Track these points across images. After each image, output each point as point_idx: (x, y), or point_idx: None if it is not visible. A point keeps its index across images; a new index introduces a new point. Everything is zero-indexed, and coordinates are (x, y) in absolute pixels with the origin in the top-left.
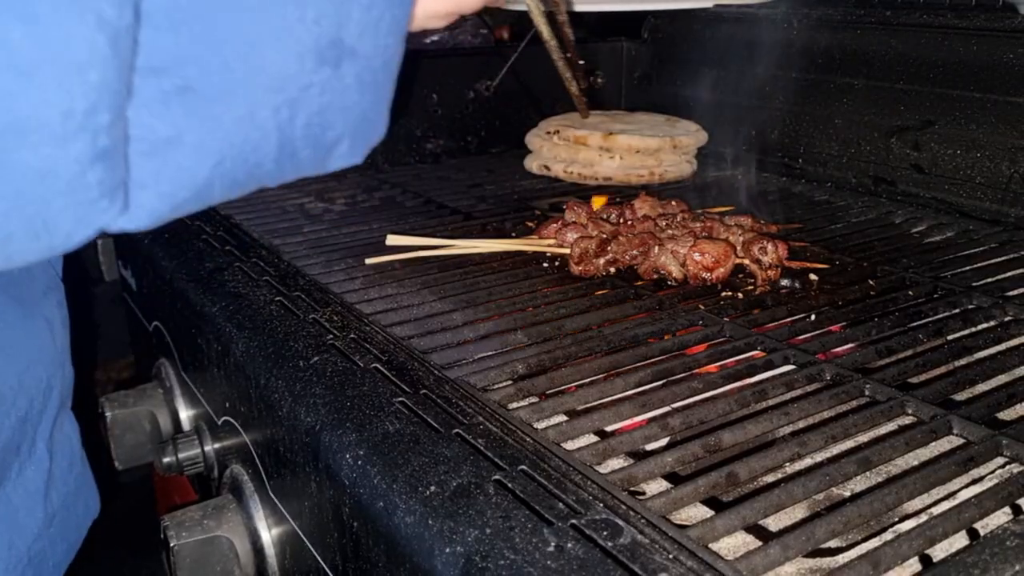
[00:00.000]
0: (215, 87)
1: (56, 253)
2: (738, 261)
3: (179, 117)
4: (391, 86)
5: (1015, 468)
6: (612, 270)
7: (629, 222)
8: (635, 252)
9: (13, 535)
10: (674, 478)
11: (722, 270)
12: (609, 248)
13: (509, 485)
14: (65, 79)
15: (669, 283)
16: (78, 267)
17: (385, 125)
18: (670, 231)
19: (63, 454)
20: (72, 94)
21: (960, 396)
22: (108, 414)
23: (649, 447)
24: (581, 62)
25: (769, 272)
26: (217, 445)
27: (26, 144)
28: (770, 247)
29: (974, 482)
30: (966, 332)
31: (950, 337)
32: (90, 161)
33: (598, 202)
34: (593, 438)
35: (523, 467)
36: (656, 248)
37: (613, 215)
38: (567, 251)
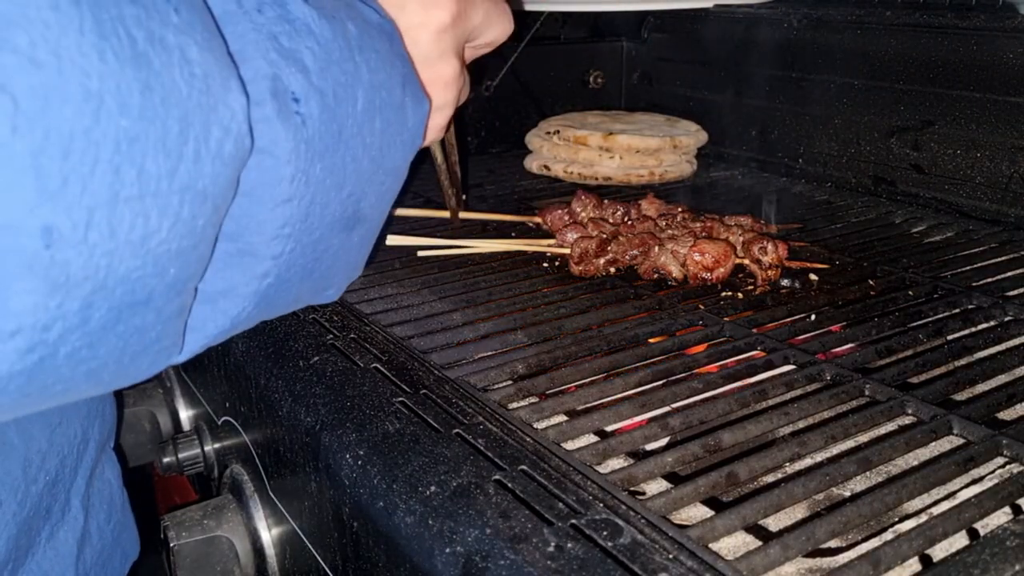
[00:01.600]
0: (268, 250)
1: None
2: (738, 261)
3: (234, 274)
4: (376, 237)
5: (1015, 468)
6: (612, 270)
7: (629, 222)
8: (635, 252)
9: None
10: (674, 478)
11: (722, 270)
12: (609, 248)
13: (509, 485)
14: (180, 258)
15: (669, 283)
16: None
17: (363, 268)
18: (670, 231)
19: (100, 506)
20: (184, 269)
21: (960, 396)
22: None
23: (649, 447)
24: (457, 186)
25: (769, 272)
26: (217, 445)
27: (138, 314)
28: (770, 247)
29: (974, 482)
30: (966, 332)
31: (950, 337)
32: (176, 317)
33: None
34: (593, 438)
35: (523, 467)
36: (656, 248)
37: (620, 211)
38: (567, 251)
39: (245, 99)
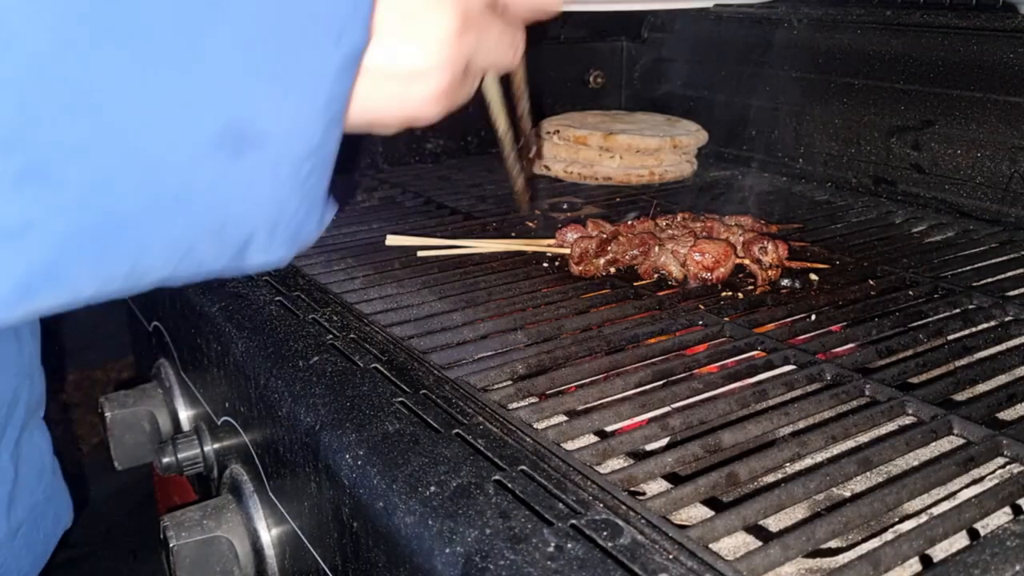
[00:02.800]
0: (64, 170)
1: None
2: (738, 261)
3: (29, 203)
4: (324, 176)
5: (1015, 468)
6: (612, 270)
7: (629, 222)
8: (635, 252)
9: None
10: (674, 478)
11: (722, 270)
12: (609, 248)
13: (509, 485)
14: None
15: (669, 283)
16: None
17: (320, 220)
18: (670, 231)
19: (31, 465)
20: None
21: (960, 396)
22: (108, 414)
23: (649, 447)
24: (532, 151)
25: (769, 272)
26: (217, 445)
27: None
28: (770, 247)
29: (974, 482)
30: (966, 332)
31: (950, 337)
32: None
33: None
34: (593, 438)
35: (523, 467)
36: (656, 248)
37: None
38: (567, 251)
39: None
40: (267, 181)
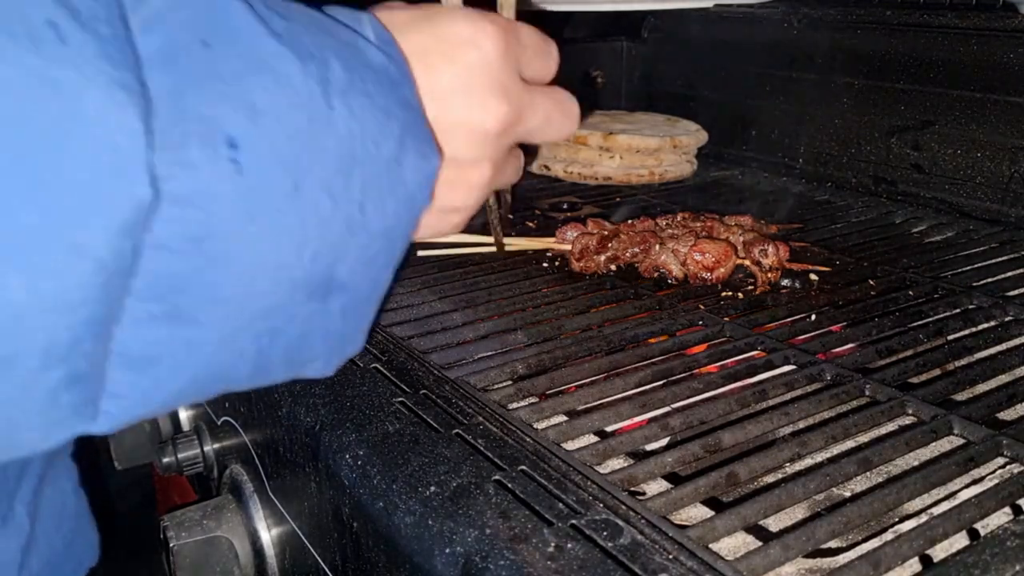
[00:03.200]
0: (203, 315)
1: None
2: (739, 262)
3: (163, 339)
4: (375, 309)
5: (1015, 468)
6: (613, 267)
7: (630, 220)
8: (636, 249)
9: None
10: (674, 478)
11: (722, 270)
12: (610, 245)
13: (509, 485)
14: (52, 319)
15: (669, 282)
16: None
17: (363, 341)
18: (670, 230)
19: (50, 514)
20: (58, 330)
21: (960, 396)
22: None
23: (649, 447)
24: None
25: (769, 275)
26: (217, 445)
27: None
28: (771, 249)
29: (974, 482)
30: (966, 332)
31: (950, 337)
32: (66, 387)
33: None
34: (593, 438)
35: (523, 467)
36: (657, 246)
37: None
38: (568, 247)
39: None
40: (340, 320)
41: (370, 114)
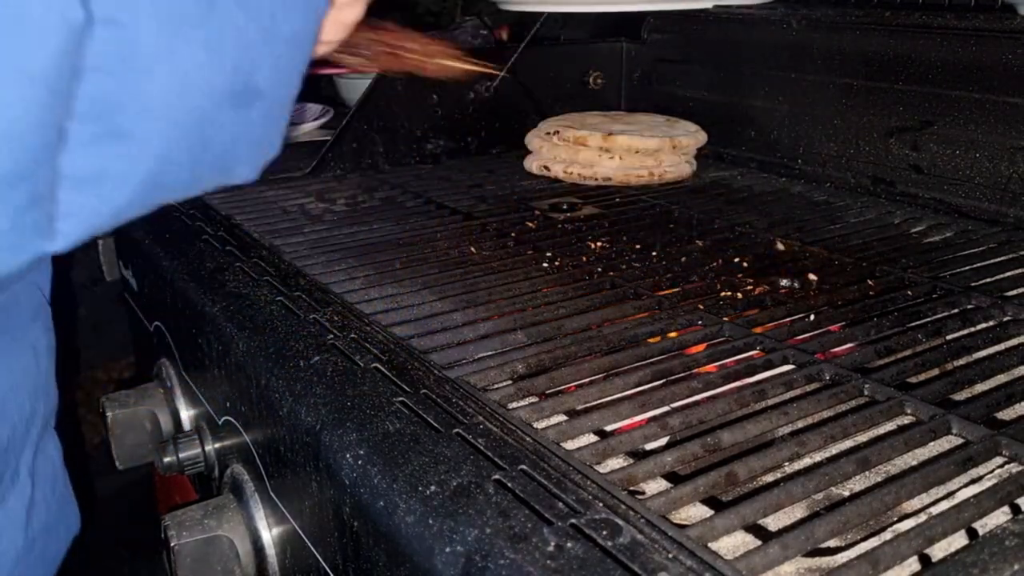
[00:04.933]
0: (140, 130)
1: None
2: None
3: (108, 157)
4: (288, 114)
5: (1014, 468)
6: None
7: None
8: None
9: None
10: (674, 478)
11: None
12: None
13: (509, 485)
14: (11, 145)
15: (668, 282)
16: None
17: (280, 145)
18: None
19: (45, 478)
20: (16, 154)
21: (959, 396)
22: (109, 414)
23: (648, 447)
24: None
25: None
26: (218, 445)
27: None
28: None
29: (973, 482)
30: (965, 332)
31: (949, 337)
32: (28, 207)
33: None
34: (593, 438)
35: (523, 467)
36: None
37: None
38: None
39: None
40: (260, 125)
41: None
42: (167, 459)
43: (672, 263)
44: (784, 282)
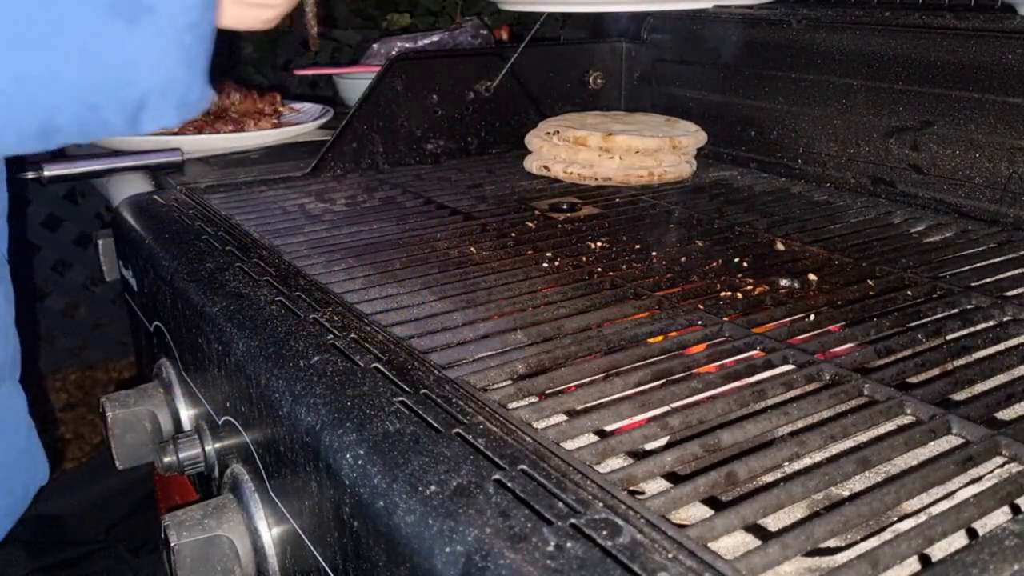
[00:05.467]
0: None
1: None
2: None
3: None
4: (203, 52)
5: (1014, 468)
6: None
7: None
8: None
9: None
10: (673, 478)
11: None
12: None
13: (509, 485)
14: None
15: (666, 283)
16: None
17: (202, 91)
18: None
19: (7, 418)
20: None
21: (959, 396)
22: (109, 414)
23: (648, 447)
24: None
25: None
26: (218, 445)
27: None
28: None
29: (973, 482)
30: (965, 332)
31: (949, 337)
32: None
33: None
34: (593, 438)
35: (523, 467)
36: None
37: None
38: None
39: None
40: (156, 47)
41: None
42: (167, 459)
43: (672, 263)
44: (784, 282)
